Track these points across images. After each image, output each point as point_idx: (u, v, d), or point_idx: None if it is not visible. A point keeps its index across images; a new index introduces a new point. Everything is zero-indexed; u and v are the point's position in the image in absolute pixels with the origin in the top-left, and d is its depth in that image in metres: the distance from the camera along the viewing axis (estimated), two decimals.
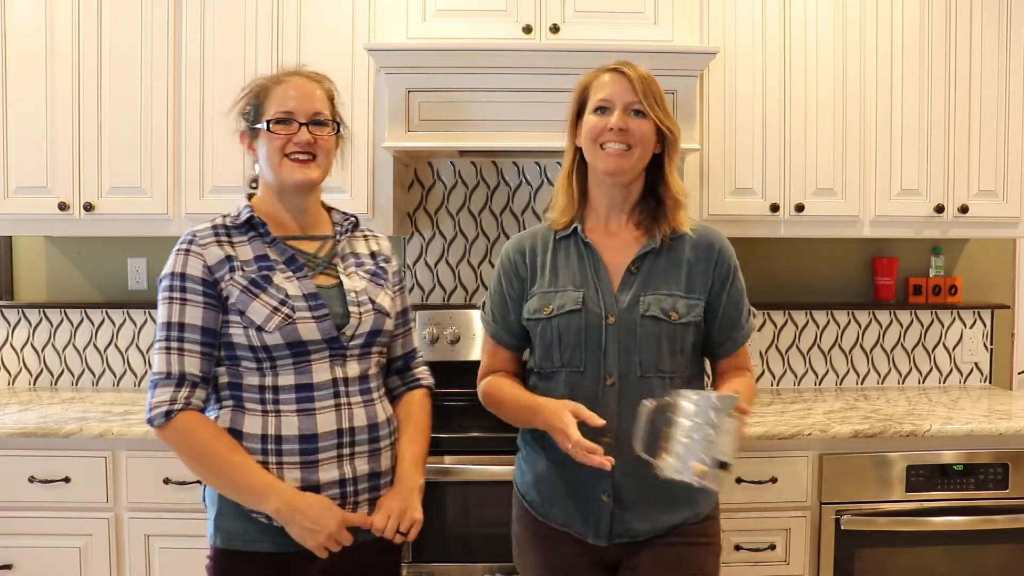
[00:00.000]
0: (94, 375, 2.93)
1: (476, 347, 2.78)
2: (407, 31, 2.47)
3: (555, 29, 2.46)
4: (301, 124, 1.54)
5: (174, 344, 1.47)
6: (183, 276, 1.49)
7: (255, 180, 1.65)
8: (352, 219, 1.69)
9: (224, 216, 1.58)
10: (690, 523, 1.61)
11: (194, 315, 1.48)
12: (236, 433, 1.50)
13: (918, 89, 2.61)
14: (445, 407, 2.69)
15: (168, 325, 1.48)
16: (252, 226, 1.56)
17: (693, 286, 1.62)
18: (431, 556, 2.27)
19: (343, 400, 1.53)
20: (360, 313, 1.56)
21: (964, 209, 2.63)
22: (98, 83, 2.52)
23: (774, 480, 2.30)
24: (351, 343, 1.55)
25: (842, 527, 2.29)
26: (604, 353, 1.58)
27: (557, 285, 1.63)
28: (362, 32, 2.51)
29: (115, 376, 2.92)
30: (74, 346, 2.92)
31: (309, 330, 1.49)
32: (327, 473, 1.51)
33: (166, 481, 2.26)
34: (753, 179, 2.60)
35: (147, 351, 2.92)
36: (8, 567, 2.27)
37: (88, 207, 2.53)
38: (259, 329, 1.47)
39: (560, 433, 1.49)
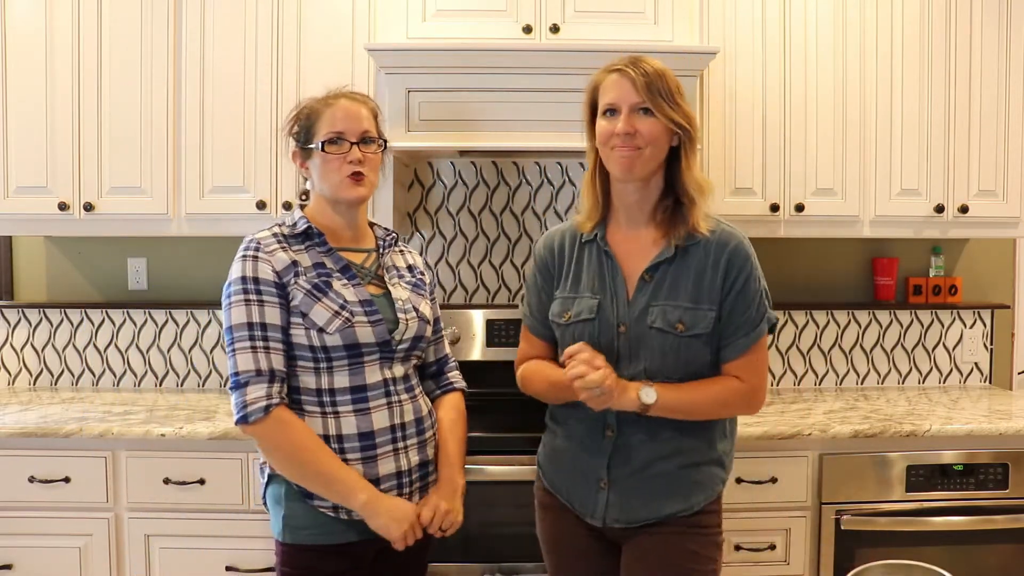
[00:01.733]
0: (94, 375, 2.93)
1: (476, 347, 2.78)
2: (407, 31, 2.47)
3: (555, 29, 2.46)
4: (352, 143, 1.65)
5: (259, 343, 1.56)
6: (256, 280, 1.58)
7: (305, 193, 1.79)
8: (393, 235, 1.82)
9: (280, 225, 1.69)
10: (683, 515, 1.64)
11: (273, 315, 1.58)
12: None
13: (918, 89, 2.61)
14: None
15: (250, 325, 1.56)
16: (308, 236, 1.67)
17: (701, 296, 1.60)
18: (431, 556, 2.26)
19: (394, 398, 1.65)
20: (407, 320, 1.69)
21: (964, 209, 2.63)
22: (98, 83, 2.52)
23: (774, 480, 2.30)
24: (399, 347, 1.67)
25: (842, 527, 2.30)
26: (616, 361, 1.61)
27: (577, 291, 1.68)
28: (362, 32, 2.51)
29: (115, 376, 2.92)
30: (74, 346, 2.92)
31: (365, 333, 1.61)
32: (385, 466, 1.62)
33: (166, 481, 2.26)
34: (753, 179, 2.60)
35: (147, 351, 2.92)
36: (8, 567, 2.27)
37: (88, 207, 2.53)
38: (320, 330, 1.58)
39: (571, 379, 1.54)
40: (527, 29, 2.46)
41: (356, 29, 2.51)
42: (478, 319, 2.79)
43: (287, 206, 2.52)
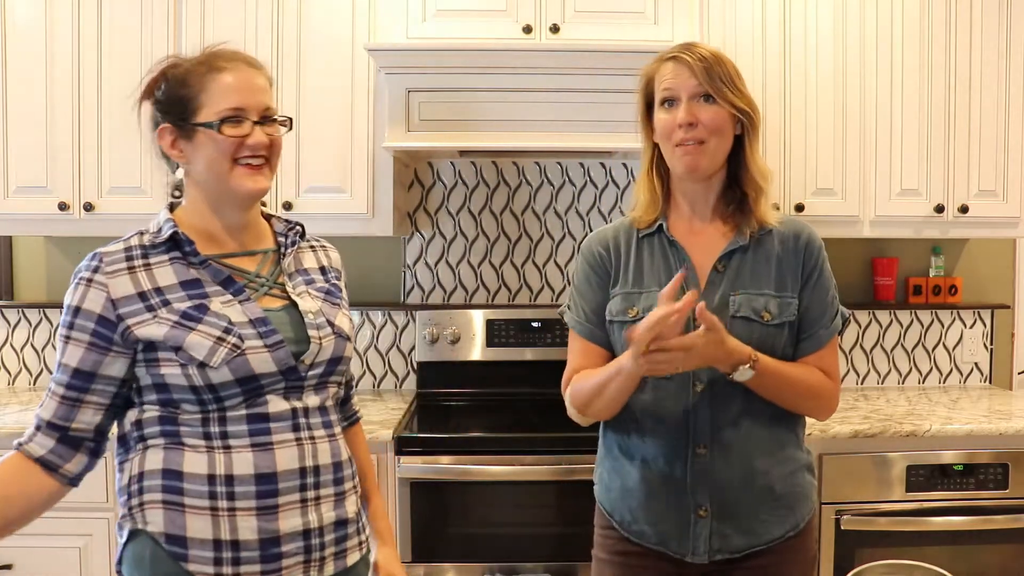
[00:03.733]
0: None
1: (476, 347, 2.78)
2: (407, 31, 2.47)
3: (555, 29, 2.46)
4: (254, 123, 1.29)
5: (51, 385, 1.26)
6: (76, 311, 1.25)
7: (179, 187, 1.37)
8: (297, 228, 1.44)
9: (141, 233, 1.31)
10: (789, 536, 1.49)
11: (72, 356, 1.24)
12: (175, 474, 1.24)
13: (918, 89, 2.61)
14: (445, 407, 2.69)
15: (58, 366, 1.26)
16: (176, 244, 1.29)
17: (784, 283, 1.48)
18: (431, 556, 2.27)
19: (304, 433, 1.29)
20: (320, 338, 1.33)
21: (964, 209, 2.63)
22: (98, 83, 2.52)
23: None
24: (310, 373, 1.31)
25: (842, 527, 2.29)
26: None
27: (642, 286, 1.51)
28: (362, 32, 2.51)
29: None
30: None
31: (262, 361, 1.25)
32: (288, 521, 1.25)
33: None
34: None
35: None
36: (8, 567, 2.27)
37: (88, 207, 2.53)
38: (202, 365, 1.21)
39: (640, 330, 1.28)
40: (527, 29, 2.46)
41: (356, 29, 2.51)
42: (478, 319, 2.79)
43: (287, 206, 2.51)
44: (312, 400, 1.32)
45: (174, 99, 1.29)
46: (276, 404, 1.27)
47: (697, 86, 1.44)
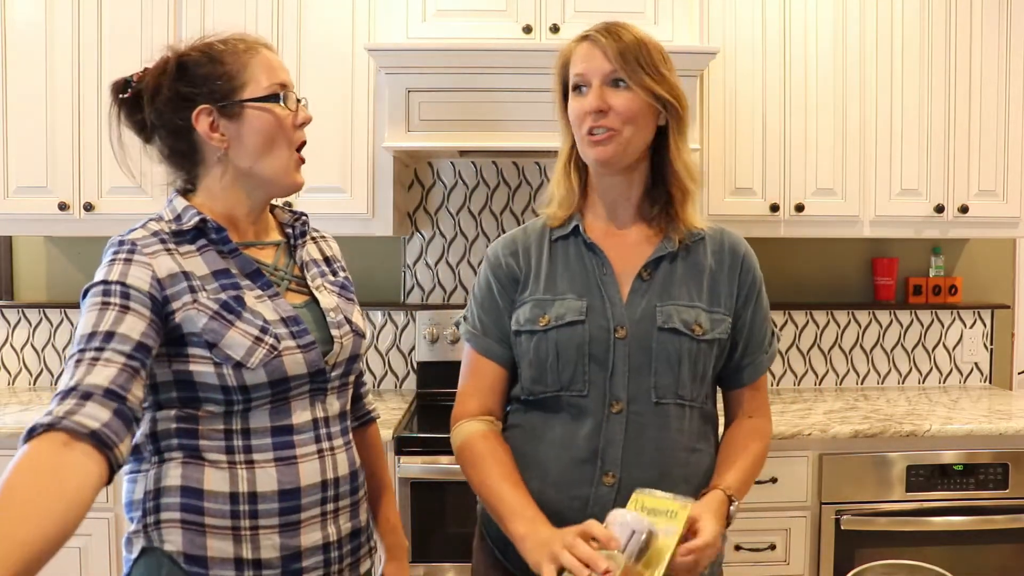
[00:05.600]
0: None
1: None
2: (407, 31, 2.47)
3: (555, 29, 2.46)
4: (297, 101, 1.25)
5: (90, 354, 1.04)
6: (124, 285, 1.11)
7: (189, 177, 1.30)
8: (304, 218, 1.38)
9: (158, 220, 1.22)
10: None
11: (132, 326, 1.08)
12: (195, 492, 1.17)
13: (918, 89, 2.61)
14: (445, 407, 2.68)
15: (91, 336, 1.06)
16: (202, 232, 1.21)
17: (717, 299, 1.34)
18: (431, 556, 2.27)
19: (325, 444, 1.25)
20: (341, 338, 1.28)
21: (964, 209, 2.63)
22: (98, 83, 2.52)
23: (774, 480, 2.30)
24: (332, 374, 1.27)
25: (842, 527, 2.30)
26: (611, 373, 1.29)
27: (555, 292, 1.34)
28: (362, 32, 2.51)
29: None
30: None
31: (295, 363, 1.19)
32: (309, 536, 1.22)
33: None
34: (753, 179, 2.60)
35: None
36: None
37: (88, 207, 2.53)
38: (238, 366, 1.14)
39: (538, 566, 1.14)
40: (527, 29, 2.46)
41: (356, 29, 2.51)
42: None
43: (287, 206, 2.50)
44: (334, 406, 1.28)
45: (208, 77, 1.22)
46: (300, 415, 1.22)
47: (609, 70, 1.29)
